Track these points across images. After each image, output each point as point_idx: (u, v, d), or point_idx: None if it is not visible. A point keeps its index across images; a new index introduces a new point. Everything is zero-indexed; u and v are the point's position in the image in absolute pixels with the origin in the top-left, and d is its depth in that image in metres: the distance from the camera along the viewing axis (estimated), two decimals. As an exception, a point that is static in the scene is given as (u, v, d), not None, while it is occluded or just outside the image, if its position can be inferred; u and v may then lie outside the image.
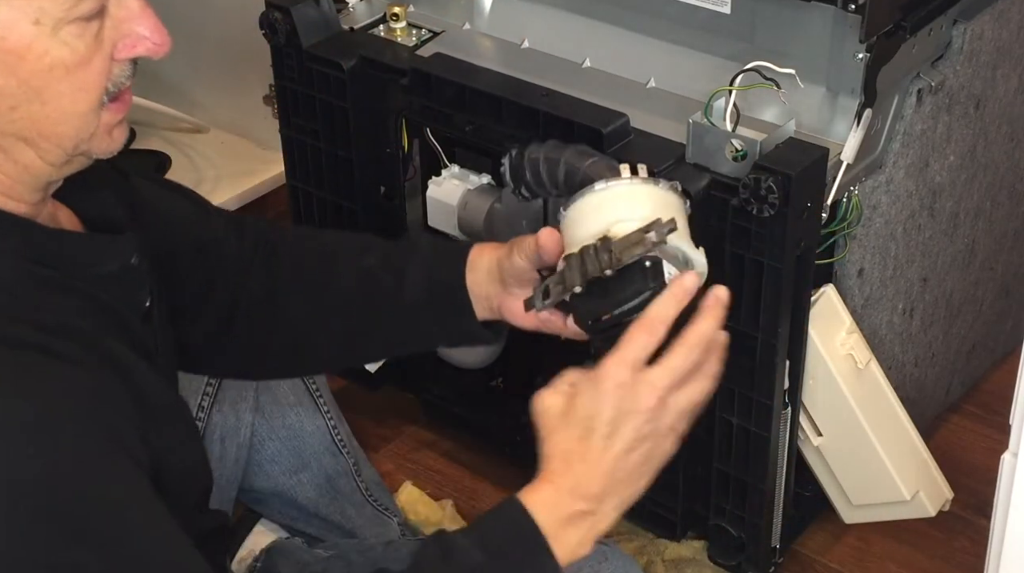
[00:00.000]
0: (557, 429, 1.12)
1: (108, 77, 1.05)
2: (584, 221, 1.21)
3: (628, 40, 1.71)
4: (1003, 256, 1.97)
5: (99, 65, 1.04)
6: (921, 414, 1.85)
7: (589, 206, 1.21)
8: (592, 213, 1.21)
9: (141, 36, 1.07)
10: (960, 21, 1.63)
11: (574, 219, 1.22)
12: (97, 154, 1.09)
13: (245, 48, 2.32)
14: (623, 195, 1.20)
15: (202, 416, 1.63)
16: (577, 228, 1.21)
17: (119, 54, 1.06)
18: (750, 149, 1.47)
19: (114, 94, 1.06)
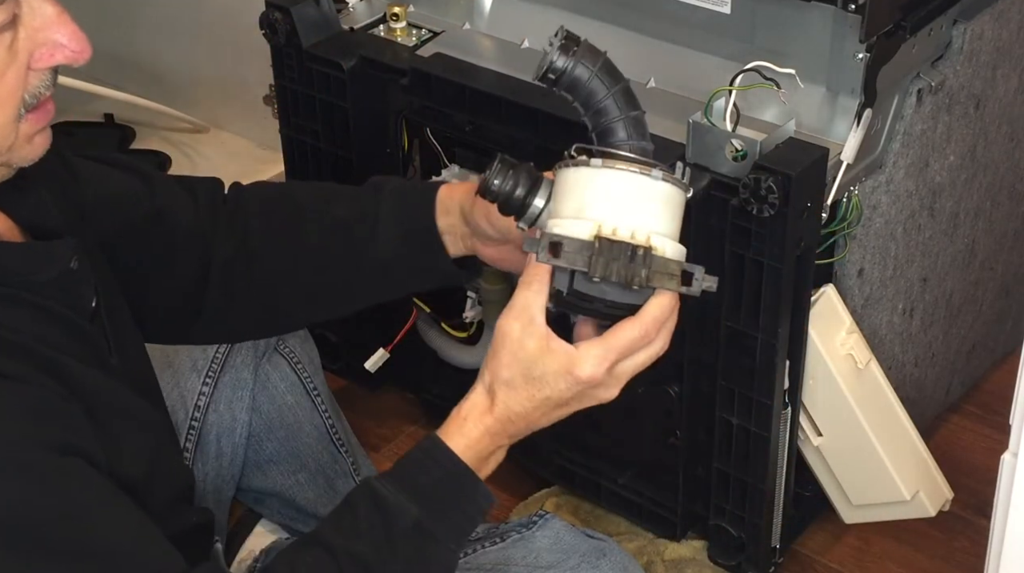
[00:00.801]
0: (515, 375, 1.15)
1: (24, 88, 1.03)
2: (595, 194, 1.15)
3: (628, 40, 1.70)
4: (1003, 256, 1.97)
5: (13, 77, 1.01)
6: (921, 414, 1.85)
7: (605, 182, 1.15)
8: (605, 191, 1.15)
9: (58, 44, 1.03)
10: (960, 21, 1.63)
11: (579, 183, 1.16)
12: (18, 163, 1.08)
13: (245, 48, 2.32)
14: (648, 192, 1.15)
15: (198, 416, 1.62)
16: (581, 195, 1.15)
17: (36, 63, 1.03)
18: (750, 149, 1.47)
19: (33, 104, 1.04)
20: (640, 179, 1.14)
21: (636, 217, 1.13)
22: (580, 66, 1.17)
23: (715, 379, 1.60)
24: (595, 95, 1.17)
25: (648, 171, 1.14)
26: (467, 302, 1.96)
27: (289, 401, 1.70)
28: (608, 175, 1.15)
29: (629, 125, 1.17)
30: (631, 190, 1.14)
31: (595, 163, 1.15)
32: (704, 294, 1.15)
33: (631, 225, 1.13)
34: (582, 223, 1.13)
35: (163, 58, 2.61)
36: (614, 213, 1.13)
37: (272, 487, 1.72)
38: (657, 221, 1.15)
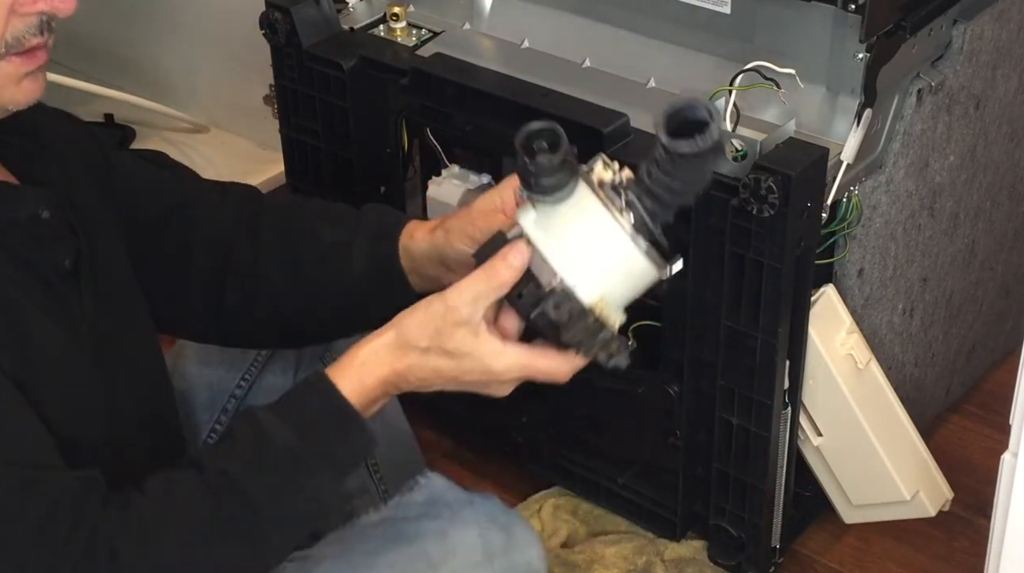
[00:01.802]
0: (433, 346, 1.17)
1: (5, 29, 1.09)
2: (589, 252, 1.13)
3: (628, 40, 1.70)
4: (1003, 256, 1.97)
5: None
6: (921, 414, 1.85)
7: (606, 240, 1.13)
8: (610, 258, 1.13)
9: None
10: (960, 21, 1.63)
11: (572, 224, 1.14)
12: (8, 105, 1.13)
13: (245, 48, 2.32)
14: (636, 269, 1.14)
15: (223, 419, 1.59)
16: (572, 243, 1.14)
17: (20, 7, 1.09)
18: (750, 149, 1.47)
19: (16, 48, 1.10)
20: (613, 234, 1.13)
21: (604, 275, 1.14)
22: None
23: (715, 379, 1.60)
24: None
25: (620, 227, 1.13)
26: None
27: None
28: (559, 209, 1.14)
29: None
30: (598, 239, 1.13)
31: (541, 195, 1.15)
32: (704, 294, 1.15)
33: (597, 280, 1.13)
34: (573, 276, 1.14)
35: (163, 58, 2.61)
36: (605, 284, 1.14)
37: None
38: (622, 285, 1.15)
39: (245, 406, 1.58)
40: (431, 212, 1.81)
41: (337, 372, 1.18)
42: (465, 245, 1.30)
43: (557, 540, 1.81)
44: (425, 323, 1.16)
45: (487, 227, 1.26)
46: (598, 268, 1.12)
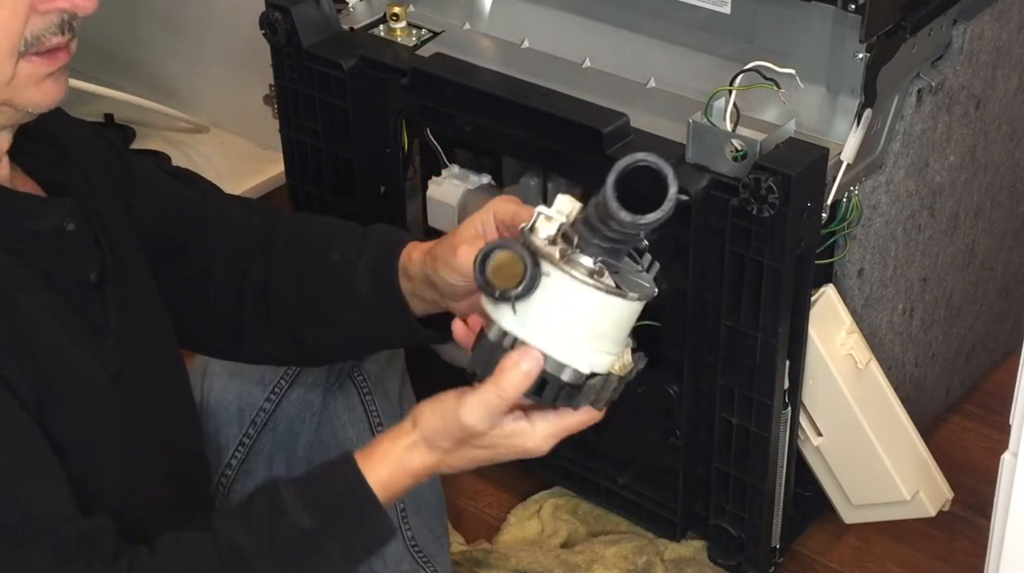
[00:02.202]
0: (464, 448, 1.14)
1: (25, 26, 1.07)
2: (578, 327, 1.08)
3: (628, 40, 1.70)
4: (1003, 256, 1.97)
5: (10, 11, 1.06)
6: (921, 414, 1.85)
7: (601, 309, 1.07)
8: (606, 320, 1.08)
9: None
10: (960, 21, 1.63)
11: (548, 307, 1.08)
12: (28, 106, 1.11)
13: (245, 48, 2.32)
14: (624, 314, 1.09)
15: (252, 433, 1.58)
16: (558, 326, 1.08)
17: (41, 6, 1.07)
18: (750, 149, 1.47)
19: (37, 47, 1.08)
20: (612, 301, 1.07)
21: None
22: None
23: (715, 379, 1.60)
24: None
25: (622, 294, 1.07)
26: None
27: (350, 434, 1.60)
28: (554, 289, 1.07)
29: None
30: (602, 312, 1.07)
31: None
32: (704, 294, 1.14)
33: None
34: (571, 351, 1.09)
35: (163, 58, 2.61)
36: (605, 342, 1.10)
37: None
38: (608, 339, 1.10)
39: (273, 420, 1.57)
40: (431, 212, 1.81)
41: (367, 461, 1.15)
42: (449, 276, 1.26)
43: (557, 540, 1.81)
44: (446, 434, 1.13)
45: (467, 261, 1.19)
46: (592, 337, 1.08)
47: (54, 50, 1.10)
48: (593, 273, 1.05)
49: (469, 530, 1.86)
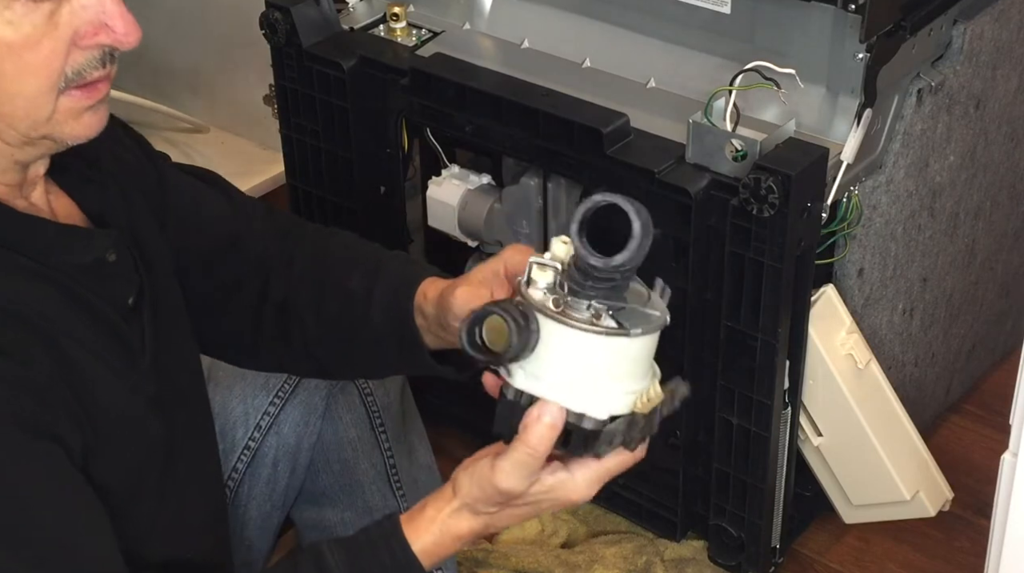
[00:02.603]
0: (504, 510, 1.12)
1: (65, 62, 1.04)
2: (591, 375, 1.05)
3: (628, 40, 1.70)
4: (1003, 256, 1.97)
5: (50, 48, 1.02)
6: (921, 414, 1.85)
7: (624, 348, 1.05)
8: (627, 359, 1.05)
9: (103, 25, 1.05)
10: (960, 21, 1.63)
11: (554, 358, 1.04)
12: (68, 139, 1.08)
13: (245, 48, 2.32)
14: (640, 351, 1.06)
15: (257, 436, 1.57)
16: (570, 377, 1.05)
17: (81, 41, 1.04)
18: (750, 149, 1.47)
19: (78, 81, 1.05)
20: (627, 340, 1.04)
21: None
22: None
23: (715, 379, 1.60)
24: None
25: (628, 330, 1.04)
26: (467, 302, 1.96)
27: (352, 435, 1.61)
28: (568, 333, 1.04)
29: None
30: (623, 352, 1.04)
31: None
32: (704, 294, 1.13)
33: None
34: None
35: (163, 58, 2.61)
36: (624, 383, 1.06)
37: (318, 521, 1.64)
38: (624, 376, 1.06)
39: (277, 423, 1.56)
40: (431, 212, 1.81)
41: (412, 527, 1.14)
42: (456, 322, 1.22)
43: (557, 540, 1.81)
44: (487, 500, 1.11)
45: (464, 305, 1.19)
46: (604, 380, 1.04)
47: (95, 82, 1.07)
48: (591, 318, 1.03)
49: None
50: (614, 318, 1.04)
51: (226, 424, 1.55)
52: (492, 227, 1.77)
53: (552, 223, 1.72)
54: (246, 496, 1.57)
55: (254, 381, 1.55)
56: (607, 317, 1.03)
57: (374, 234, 1.87)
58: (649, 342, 1.06)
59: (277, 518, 1.61)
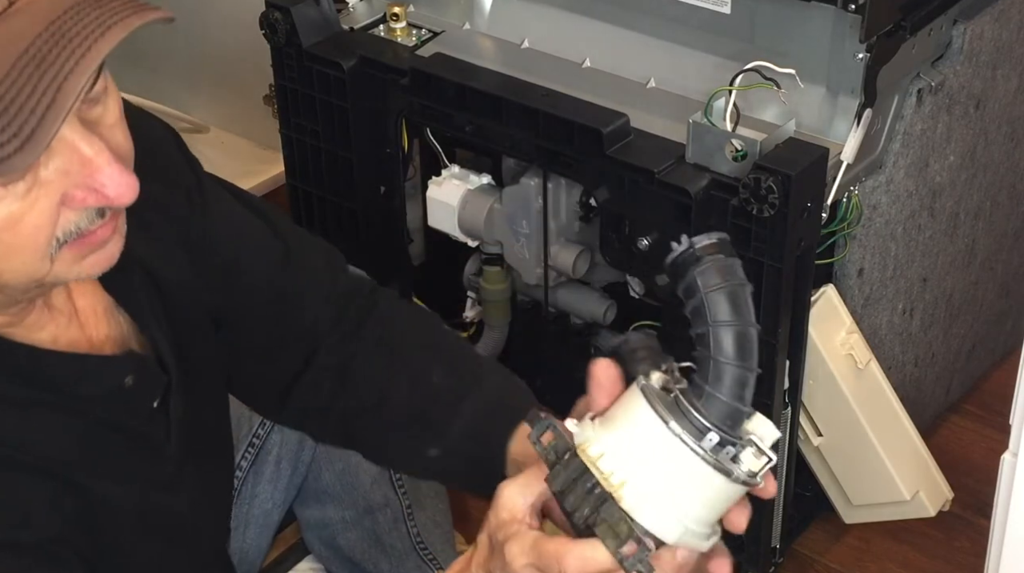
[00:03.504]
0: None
1: (54, 230, 0.90)
2: (623, 420, 0.93)
3: (628, 40, 1.70)
4: (1003, 256, 1.97)
5: (33, 226, 0.89)
6: (921, 414, 1.85)
7: (643, 420, 0.92)
8: (634, 427, 0.93)
9: (91, 189, 0.90)
10: (960, 21, 1.63)
11: (627, 405, 0.94)
12: (70, 280, 0.98)
13: (245, 48, 2.32)
14: (677, 463, 0.92)
15: (261, 433, 1.55)
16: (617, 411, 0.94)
17: (70, 204, 0.90)
18: (750, 149, 1.47)
19: (75, 235, 0.92)
20: (680, 451, 0.91)
21: (634, 466, 0.92)
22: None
23: (715, 379, 1.60)
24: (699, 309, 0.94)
25: (706, 453, 0.92)
26: (467, 302, 1.96)
27: None
28: (647, 421, 0.92)
29: (728, 375, 0.94)
30: (662, 453, 0.92)
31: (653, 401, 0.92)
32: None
33: (617, 466, 0.92)
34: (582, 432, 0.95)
35: (163, 58, 2.61)
36: (619, 446, 0.93)
37: (319, 518, 1.63)
38: (656, 485, 0.92)
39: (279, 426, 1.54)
40: (431, 212, 1.81)
41: None
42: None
43: (557, 540, 1.81)
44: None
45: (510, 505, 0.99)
46: (700, 513, 0.95)
47: (92, 232, 0.93)
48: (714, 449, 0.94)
49: (469, 530, 1.86)
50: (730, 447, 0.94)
51: (231, 420, 1.54)
52: (492, 227, 1.77)
53: (552, 223, 1.72)
54: (249, 494, 1.57)
55: None
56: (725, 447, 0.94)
57: (374, 234, 1.88)
58: (739, 490, 0.98)
59: (277, 515, 1.61)
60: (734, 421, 0.96)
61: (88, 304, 1.06)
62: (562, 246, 1.74)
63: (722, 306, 0.96)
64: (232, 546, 1.55)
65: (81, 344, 1.04)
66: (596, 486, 0.92)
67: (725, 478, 0.96)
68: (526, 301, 1.90)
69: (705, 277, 0.94)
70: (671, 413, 0.92)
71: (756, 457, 1.00)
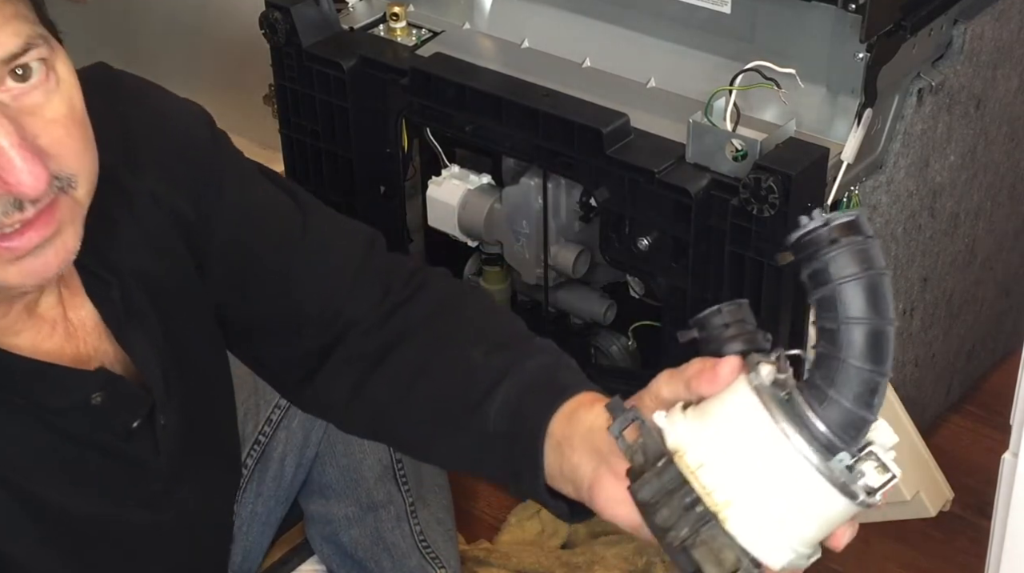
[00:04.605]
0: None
1: None
2: (729, 427, 0.82)
3: (628, 40, 1.70)
4: (1003, 256, 1.97)
5: None
6: (921, 414, 1.85)
7: (752, 425, 0.82)
8: (741, 436, 0.82)
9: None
10: (960, 21, 1.63)
11: (733, 402, 0.83)
12: (12, 287, 0.94)
13: (245, 48, 2.32)
14: (790, 476, 0.82)
15: (268, 431, 1.54)
16: (719, 410, 0.83)
17: None
18: (750, 149, 1.47)
19: None
20: (797, 463, 0.81)
21: (743, 482, 0.80)
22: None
23: (715, 379, 1.60)
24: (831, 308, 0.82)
25: (825, 465, 0.82)
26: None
27: None
28: (762, 427, 0.81)
29: (857, 380, 0.83)
30: (775, 464, 0.81)
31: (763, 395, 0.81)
32: (704, 294, 1.12)
33: (722, 481, 0.81)
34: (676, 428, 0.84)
35: (163, 58, 2.61)
36: (724, 456, 0.82)
37: (323, 514, 1.62)
38: (771, 505, 0.81)
39: (288, 417, 1.53)
40: (431, 212, 1.81)
41: None
42: (611, 510, 0.96)
43: (557, 541, 1.81)
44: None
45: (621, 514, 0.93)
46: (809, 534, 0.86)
47: (18, 232, 0.90)
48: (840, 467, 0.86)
49: (469, 530, 1.86)
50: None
51: (238, 416, 1.53)
52: (492, 227, 1.77)
53: (552, 223, 1.72)
54: (253, 493, 1.57)
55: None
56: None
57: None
58: (848, 508, 0.89)
59: (280, 513, 1.62)
60: (858, 431, 0.85)
61: (80, 317, 1.04)
62: (562, 246, 1.74)
63: (856, 300, 0.80)
64: (236, 544, 1.55)
65: (63, 356, 1.02)
66: (697, 503, 0.80)
67: (848, 501, 0.85)
68: (526, 301, 1.90)
69: (839, 264, 0.79)
70: (791, 422, 0.79)
71: (879, 473, 0.90)
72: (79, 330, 1.04)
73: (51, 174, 0.90)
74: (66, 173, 0.92)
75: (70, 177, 0.92)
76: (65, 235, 0.93)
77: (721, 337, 0.87)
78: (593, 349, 1.83)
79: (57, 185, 0.91)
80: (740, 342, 0.87)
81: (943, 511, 1.75)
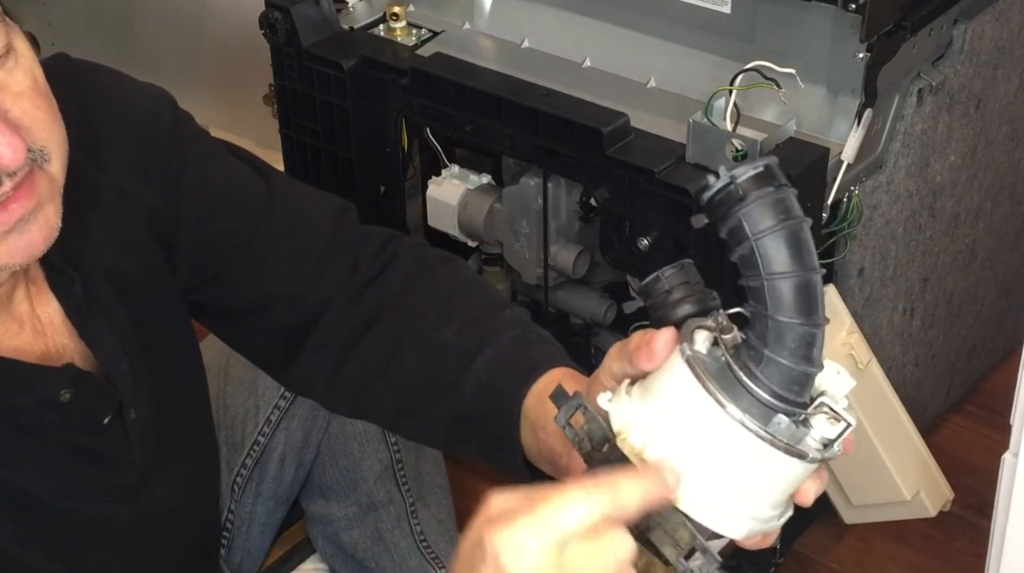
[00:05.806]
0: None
1: None
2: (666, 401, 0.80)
3: (628, 40, 1.70)
4: (1003, 256, 1.97)
5: None
6: (921, 414, 1.85)
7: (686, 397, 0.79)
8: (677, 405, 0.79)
9: None
10: (960, 21, 1.63)
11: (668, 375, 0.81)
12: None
13: (245, 48, 2.32)
14: (723, 438, 0.79)
15: (267, 431, 1.54)
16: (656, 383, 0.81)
17: None
18: (750, 149, 1.47)
19: None
20: (730, 426, 0.78)
21: (688, 458, 0.79)
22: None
23: (715, 379, 1.60)
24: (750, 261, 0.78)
25: (763, 427, 0.79)
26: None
27: (358, 429, 1.56)
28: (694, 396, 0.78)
29: (789, 336, 0.78)
30: (702, 423, 0.78)
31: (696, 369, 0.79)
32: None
33: (667, 458, 0.79)
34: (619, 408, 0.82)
35: (163, 58, 2.61)
36: (666, 433, 0.80)
37: (325, 514, 1.62)
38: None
39: (287, 418, 1.53)
40: (431, 212, 1.81)
41: None
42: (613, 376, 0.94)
43: (557, 540, 1.81)
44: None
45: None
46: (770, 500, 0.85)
47: (2, 205, 0.90)
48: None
49: (470, 529, 1.86)
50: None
51: (235, 418, 1.53)
52: (492, 227, 1.77)
53: (552, 223, 1.72)
54: (253, 493, 1.57)
55: (265, 376, 1.47)
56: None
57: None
58: (800, 470, 0.86)
59: (280, 514, 1.61)
60: (801, 386, 0.81)
61: (48, 314, 1.05)
62: (562, 246, 1.74)
63: (777, 253, 0.77)
64: (235, 544, 1.55)
65: (31, 353, 1.02)
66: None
67: (799, 461, 0.82)
68: (526, 301, 1.90)
69: (753, 219, 0.76)
70: (727, 390, 0.77)
71: (832, 423, 0.87)
72: (47, 327, 1.05)
73: (26, 145, 0.91)
74: (38, 145, 0.93)
75: (42, 149, 0.93)
76: (47, 210, 0.94)
77: (666, 302, 0.85)
78: (593, 349, 1.83)
79: (31, 158, 0.92)
80: (687, 304, 0.85)
81: (943, 511, 1.75)
